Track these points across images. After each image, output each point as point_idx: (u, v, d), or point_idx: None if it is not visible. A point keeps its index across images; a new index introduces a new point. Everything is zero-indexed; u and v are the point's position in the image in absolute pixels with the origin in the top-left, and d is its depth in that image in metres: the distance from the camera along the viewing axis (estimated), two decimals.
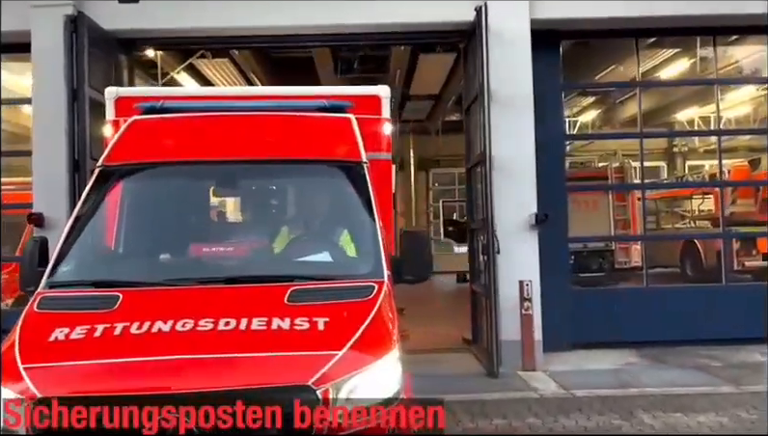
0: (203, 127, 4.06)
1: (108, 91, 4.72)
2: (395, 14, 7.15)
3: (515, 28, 6.87)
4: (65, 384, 2.64)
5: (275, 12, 7.05)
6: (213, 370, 2.66)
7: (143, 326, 2.81)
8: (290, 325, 2.86)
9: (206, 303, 3.08)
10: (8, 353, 2.78)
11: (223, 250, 3.78)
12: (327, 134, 4.09)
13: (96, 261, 3.62)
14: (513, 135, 6.77)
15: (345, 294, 3.17)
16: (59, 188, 6.46)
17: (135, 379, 2.64)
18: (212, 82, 15.85)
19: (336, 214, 4.08)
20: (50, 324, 2.90)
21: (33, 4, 6.78)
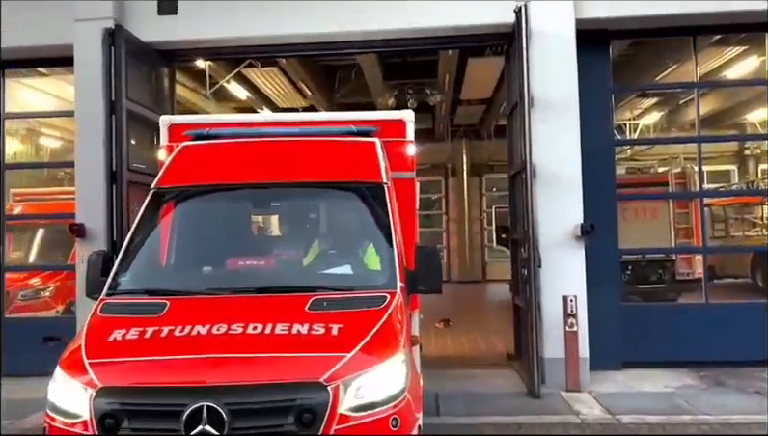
0: (243, 152, 4.52)
1: (162, 118, 5.26)
2: (438, 19, 6.95)
3: (559, 28, 6.52)
4: (121, 376, 3.15)
5: (316, 19, 6.96)
6: (240, 367, 3.12)
7: (185, 329, 3.30)
8: (308, 330, 3.26)
9: (239, 310, 3.51)
10: (75, 350, 3.31)
11: (255, 263, 4.17)
12: (353, 158, 4.46)
13: (148, 273, 4.10)
14: (557, 141, 6.43)
15: (360, 303, 3.54)
16: (98, 199, 6.54)
17: (177, 373, 3.13)
18: (262, 90, 16.02)
19: (358, 231, 4.44)
20: (110, 326, 3.41)
21: (76, 18, 6.91)
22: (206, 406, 2.90)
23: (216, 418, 2.89)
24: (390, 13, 6.95)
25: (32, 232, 10.32)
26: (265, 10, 6.99)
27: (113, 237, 6.40)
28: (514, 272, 7.37)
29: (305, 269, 4.20)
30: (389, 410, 3.07)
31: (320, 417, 2.94)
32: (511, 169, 7.33)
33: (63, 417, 3.12)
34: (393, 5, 6.93)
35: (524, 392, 6.23)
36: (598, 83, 7.01)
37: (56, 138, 16.64)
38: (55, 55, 7.50)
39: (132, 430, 2.96)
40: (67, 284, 9.29)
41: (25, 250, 10.20)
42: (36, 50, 7.41)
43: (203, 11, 7.02)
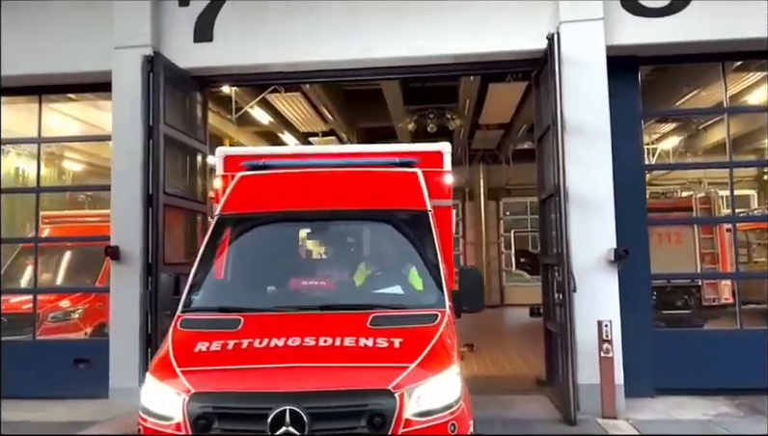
0: (297, 182, 4.91)
1: (218, 150, 5.79)
2: (465, 45, 7.06)
3: (590, 55, 6.59)
4: (212, 383, 3.49)
5: (345, 46, 7.08)
6: (318, 375, 3.45)
7: (263, 342, 3.66)
8: (373, 343, 3.62)
9: (307, 325, 3.85)
10: (164, 360, 3.69)
11: (316, 283, 4.55)
12: (398, 187, 4.83)
13: (218, 292, 4.49)
14: (589, 165, 6.46)
15: (415, 320, 3.92)
16: (133, 222, 6.63)
17: (262, 380, 3.46)
18: (284, 115, 16.21)
19: (405, 254, 4.79)
20: (194, 339, 3.78)
21: (115, 45, 7.07)
22: (289, 410, 3.23)
23: (298, 420, 3.22)
24: (419, 39, 7.06)
25: (59, 255, 10.43)
26: (296, 37, 7.12)
27: (148, 260, 6.47)
28: (545, 296, 7.34)
29: (361, 289, 4.54)
30: (447, 416, 3.38)
31: (389, 421, 3.27)
32: (542, 193, 7.35)
33: (156, 419, 3.44)
34: (423, 32, 7.06)
35: (558, 418, 6.17)
36: (627, 108, 7.04)
37: (78, 162, 16.87)
38: (87, 81, 7.67)
39: (222, 431, 3.31)
40: (95, 306, 9.37)
41: (53, 272, 10.31)
42: (66, 76, 7.58)
43: (237, 38, 7.17)
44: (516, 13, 6.95)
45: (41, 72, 7.47)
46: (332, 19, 7.13)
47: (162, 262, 6.43)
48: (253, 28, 7.15)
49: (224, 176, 5.53)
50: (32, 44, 7.40)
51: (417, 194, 4.71)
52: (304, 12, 7.14)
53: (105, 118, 12.02)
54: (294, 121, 16.48)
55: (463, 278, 4.45)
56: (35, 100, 8.06)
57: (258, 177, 5.04)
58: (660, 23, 6.76)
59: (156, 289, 6.35)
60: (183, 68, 7.13)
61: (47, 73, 7.48)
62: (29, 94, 8.07)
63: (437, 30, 7.04)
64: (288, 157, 5.83)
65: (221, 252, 4.67)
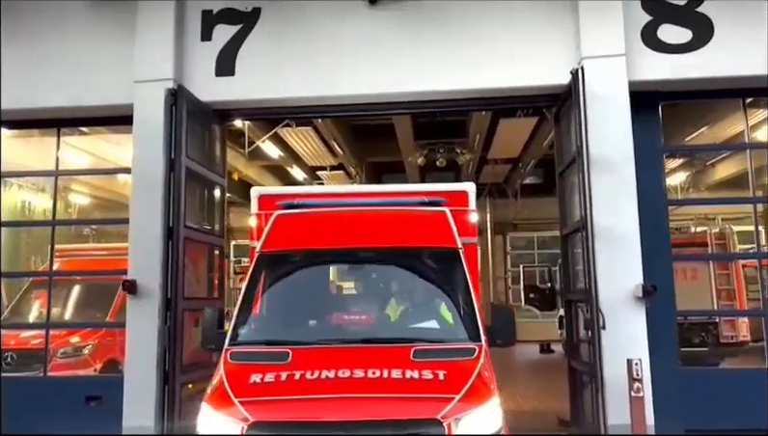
0: (332, 220, 5.17)
1: (253, 190, 6.13)
2: (481, 80, 7.05)
3: (613, 90, 6.59)
4: (269, 412, 3.71)
5: (364, 81, 7.10)
6: (370, 405, 3.66)
7: (314, 373, 3.87)
8: (419, 375, 3.84)
9: (353, 357, 4.07)
10: (220, 390, 3.90)
11: (358, 318, 4.76)
12: (429, 225, 5.07)
13: (263, 325, 4.73)
14: (614, 200, 6.39)
15: (455, 354, 4.16)
16: (152, 256, 6.53)
17: (318, 410, 3.69)
18: (294, 149, 16.25)
19: (439, 290, 5.04)
20: (247, 371, 4.01)
21: (136, 79, 7.08)
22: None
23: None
24: (439, 75, 7.07)
25: (68, 289, 10.29)
26: (318, 72, 7.13)
27: (167, 294, 6.36)
28: (569, 333, 7.21)
29: (399, 323, 4.79)
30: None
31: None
32: (564, 228, 7.27)
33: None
34: (442, 67, 7.07)
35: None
36: (649, 143, 7.01)
37: (84, 195, 16.84)
38: (107, 114, 7.63)
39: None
40: (105, 341, 9.21)
41: (62, 306, 10.15)
42: (86, 110, 7.52)
43: (259, 72, 7.18)
44: (536, 48, 6.98)
45: (60, 106, 7.44)
46: (352, 54, 7.15)
47: (182, 297, 6.32)
48: (275, 62, 7.17)
49: (258, 214, 5.82)
50: (51, 78, 7.41)
51: (447, 232, 4.92)
52: (326, 47, 7.16)
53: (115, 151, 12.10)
54: (304, 155, 16.51)
55: (496, 313, 4.68)
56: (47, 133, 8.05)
57: (294, 216, 5.27)
58: (681, 59, 6.77)
59: (175, 324, 6.23)
60: (204, 101, 7.12)
61: (66, 106, 7.45)
62: (47, 126, 8.05)
63: (456, 66, 7.05)
64: (320, 196, 6.16)
65: (263, 287, 4.91)
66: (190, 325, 6.59)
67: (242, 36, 7.26)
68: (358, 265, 5.33)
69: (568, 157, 6.91)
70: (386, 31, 7.18)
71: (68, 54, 7.45)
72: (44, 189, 15.10)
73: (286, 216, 5.26)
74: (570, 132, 7.00)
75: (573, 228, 6.80)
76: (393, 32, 7.17)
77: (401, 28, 7.17)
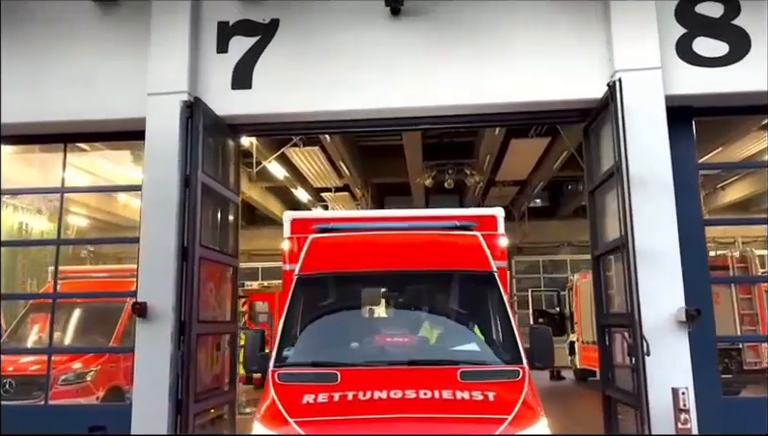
0: (367, 244, 5.27)
1: (286, 214, 6.36)
2: (511, 94, 6.77)
3: (649, 104, 6.32)
4: (326, 432, 3.76)
5: (388, 95, 6.81)
6: (427, 426, 3.72)
7: (366, 394, 3.93)
8: (470, 396, 3.91)
9: (401, 379, 4.11)
10: (273, 410, 3.97)
11: (401, 340, 4.82)
12: (463, 249, 5.15)
13: (306, 347, 4.78)
14: (655, 219, 6.08)
15: (500, 376, 4.26)
16: (165, 276, 6.16)
17: (372, 430, 3.65)
18: (300, 169, 15.99)
19: (477, 312, 5.06)
20: (298, 392, 4.07)
21: (149, 91, 6.78)
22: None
23: None
24: (466, 89, 6.79)
25: (69, 313, 9.87)
26: (339, 85, 6.84)
27: (181, 317, 5.97)
28: (603, 360, 6.83)
29: (442, 345, 4.87)
30: None
31: None
32: (596, 250, 6.93)
33: None
34: (471, 81, 6.79)
35: None
36: (685, 160, 6.71)
37: (82, 216, 16.47)
38: (116, 129, 7.31)
39: None
40: (108, 367, 8.79)
41: (62, 331, 9.72)
42: (95, 124, 7.19)
43: (276, 85, 6.88)
44: (567, 61, 6.71)
45: (67, 120, 7.11)
46: (373, 67, 6.85)
47: (196, 320, 5.94)
48: (294, 75, 6.88)
49: (291, 238, 6.08)
50: (59, 90, 7.08)
51: (481, 255, 5.01)
52: (346, 59, 6.89)
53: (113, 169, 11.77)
54: (309, 175, 16.25)
55: (534, 336, 4.71)
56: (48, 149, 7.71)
57: (330, 240, 5.37)
58: (717, 73, 6.52)
59: (189, 350, 5.84)
60: (220, 115, 6.81)
61: (73, 121, 7.12)
62: (53, 142, 7.72)
63: (484, 79, 6.78)
64: (353, 221, 6.22)
65: (303, 310, 5.01)
66: (204, 350, 6.21)
67: (260, 48, 6.97)
68: (396, 288, 5.38)
69: (600, 174, 6.62)
70: (409, 43, 6.91)
71: (78, 66, 7.13)
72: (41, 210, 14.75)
73: (322, 240, 5.35)
74: (602, 148, 6.75)
75: (607, 248, 6.47)
76: (415, 44, 6.90)
77: (424, 40, 6.91)
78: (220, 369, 6.82)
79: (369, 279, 5.21)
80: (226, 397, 6.78)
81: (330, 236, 5.44)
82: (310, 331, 4.99)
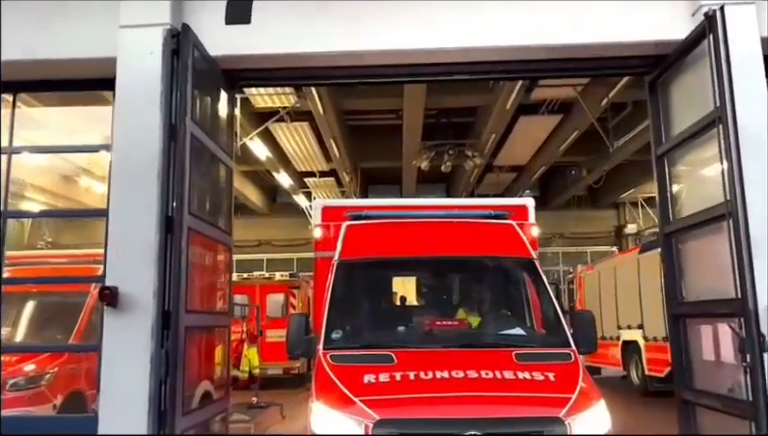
0: (404, 230, 5.20)
1: (315, 202, 6.35)
2: (563, 35, 5.57)
3: (744, 44, 5.15)
4: (395, 410, 3.74)
5: (418, 32, 5.56)
6: (494, 404, 3.81)
7: (428, 374, 3.95)
8: (530, 376, 3.98)
9: (458, 360, 4.11)
10: (333, 389, 3.97)
11: (450, 323, 4.85)
12: (501, 236, 5.15)
13: (355, 330, 4.77)
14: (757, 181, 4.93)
15: (555, 358, 4.31)
16: (141, 255, 4.77)
17: (443, 408, 3.74)
18: (284, 149, 14.59)
19: (521, 298, 5.14)
20: (357, 372, 4.07)
21: (121, 24, 5.37)
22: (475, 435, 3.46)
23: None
24: (510, 29, 5.58)
25: (19, 305, 8.32)
26: (360, 19, 5.54)
27: (165, 306, 4.61)
28: (678, 357, 5.69)
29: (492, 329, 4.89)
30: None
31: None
32: (667, 225, 5.78)
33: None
34: (518, 19, 5.58)
35: None
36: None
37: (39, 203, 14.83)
38: (81, 76, 5.87)
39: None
40: (67, 369, 7.31)
41: (11, 327, 8.18)
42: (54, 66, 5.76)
43: (281, 19, 5.55)
44: None
45: (16, 59, 5.65)
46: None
47: (185, 310, 4.59)
48: (305, 7, 5.55)
49: (323, 225, 5.94)
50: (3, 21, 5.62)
51: (520, 243, 5.01)
52: None
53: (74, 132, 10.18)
54: (294, 156, 14.88)
55: (578, 321, 4.70)
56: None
57: (368, 226, 5.30)
58: None
59: (176, 347, 4.49)
60: (212, 55, 5.45)
61: (22, 61, 5.67)
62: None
63: (534, 17, 5.57)
64: (385, 209, 6.06)
65: (347, 293, 4.90)
66: (195, 348, 4.89)
67: None
68: (438, 274, 5.48)
69: (676, 135, 5.49)
70: None
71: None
72: None
73: (358, 226, 5.29)
74: (675, 104, 5.63)
75: (691, 222, 5.33)
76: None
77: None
78: (213, 372, 5.49)
79: (410, 264, 5.28)
80: (219, 407, 5.44)
81: (367, 223, 5.38)
82: (356, 314, 4.97)
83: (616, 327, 13.10)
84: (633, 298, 12.13)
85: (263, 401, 9.65)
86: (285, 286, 14.43)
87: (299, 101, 11.14)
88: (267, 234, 21.97)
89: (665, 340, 10.94)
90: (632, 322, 12.31)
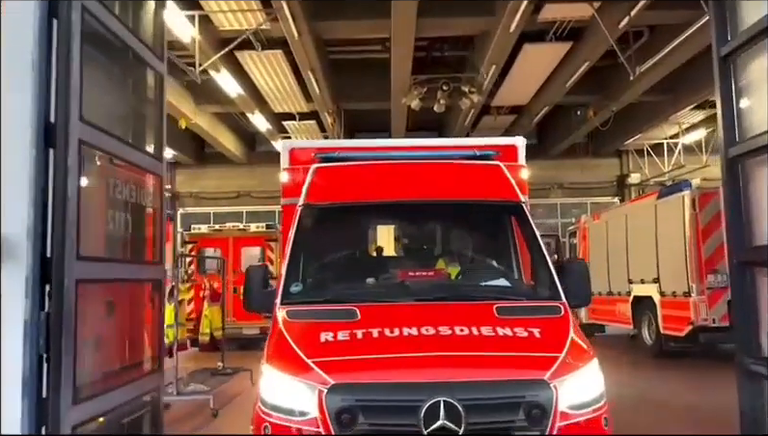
0: (379, 173, 4.80)
1: (282, 143, 5.83)
2: None
3: None
4: (352, 374, 3.33)
5: None
6: (469, 365, 3.35)
7: (393, 331, 3.50)
8: (512, 333, 3.50)
9: (431, 315, 3.70)
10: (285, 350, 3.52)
11: (425, 274, 4.48)
12: (486, 178, 4.75)
13: (318, 282, 4.45)
14: None
15: (541, 311, 3.90)
16: (15, 178, 3.37)
17: (410, 370, 3.31)
18: (257, 85, 13.05)
19: (506, 246, 4.85)
20: (313, 329, 3.64)
21: None
22: (444, 402, 2.99)
23: (453, 413, 2.98)
24: None
25: None
26: None
27: (46, 250, 3.24)
28: (743, 315, 4.45)
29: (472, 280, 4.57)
30: (599, 409, 3.27)
31: (548, 413, 3.09)
32: (731, 147, 4.45)
33: (286, 414, 3.17)
34: None
35: None
36: None
37: None
38: None
39: (369, 426, 3.04)
40: None
41: None
42: None
43: None
44: None
45: None
46: None
47: (74, 256, 3.24)
48: None
49: (290, 169, 5.39)
50: None
51: (507, 185, 4.56)
52: None
53: None
54: (269, 94, 13.35)
55: (569, 271, 4.24)
56: None
57: (338, 169, 4.87)
58: None
59: (61, 310, 3.16)
60: None
61: None
62: None
63: None
64: (360, 150, 5.71)
65: (311, 243, 4.51)
66: (99, 310, 3.62)
67: None
68: (414, 220, 5.09)
69: (750, 26, 4.11)
70: None
71: None
72: None
73: (328, 168, 4.86)
74: None
75: (757, 144, 4.01)
76: None
77: None
78: (141, 341, 4.21)
79: (383, 210, 4.84)
80: (144, 386, 4.14)
81: (337, 165, 4.90)
82: (320, 265, 4.63)
83: (626, 281, 11.95)
84: (648, 249, 10.95)
85: (231, 367, 8.43)
86: (261, 239, 13.14)
87: (269, 21, 9.59)
88: (247, 185, 20.56)
89: (685, 296, 9.84)
90: (646, 276, 11.15)
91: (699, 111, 16.24)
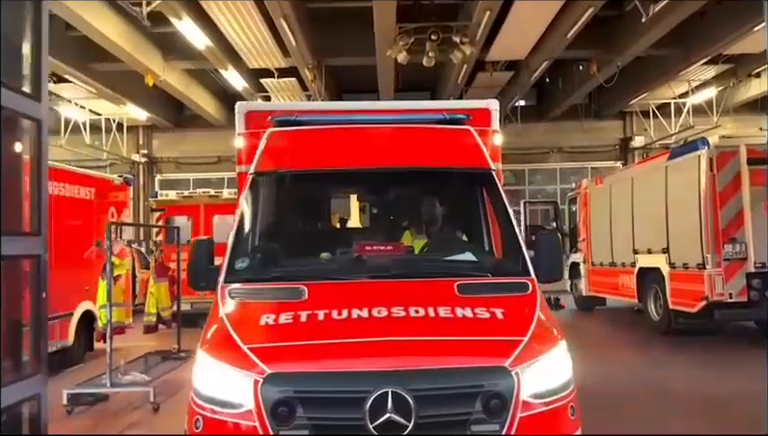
0: (339, 138, 4.43)
1: (238, 105, 5.23)
2: None
3: None
4: (290, 362, 3.00)
5: None
6: (421, 351, 3.04)
7: (341, 313, 3.20)
8: (473, 314, 3.21)
9: (386, 294, 3.39)
10: (222, 335, 3.22)
11: (383, 248, 4.08)
12: (453, 144, 4.42)
13: (266, 258, 4.00)
14: None
15: (507, 289, 3.58)
16: None
17: (354, 358, 3.02)
18: (228, 37, 11.86)
19: (473, 217, 4.56)
20: (254, 311, 3.37)
21: None
22: (392, 392, 2.77)
23: (402, 405, 2.76)
24: None
25: None
26: None
27: None
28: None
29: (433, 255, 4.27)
30: (565, 398, 3.02)
31: (508, 403, 2.86)
32: None
33: (219, 406, 2.95)
34: None
35: None
36: None
37: None
38: None
39: (308, 419, 2.81)
40: None
41: None
42: None
43: None
44: None
45: None
46: None
47: None
48: None
49: (246, 134, 4.91)
50: None
51: (477, 152, 4.26)
52: None
53: None
54: (242, 47, 12.17)
55: (541, 244, 3.91)
56: None
57: (294, 133, 4.44)
58: None
59: None
60: None
61: None
62: None
63: None
64: (321, 113, 5.36)
65: (261, 214, 4.26)
66: None
67: None
68: (375, 189, 4.83)
69: None
70: None
71: None
72: None
73: (282, 133, 4.39)
74: None
75: None
76: None
77: None
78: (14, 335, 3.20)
79: (341, 178, 4.52)
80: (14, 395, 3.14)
81: (294, 130, 4.42)
82: (269, 239, 4.19)
83: (631, 252, 10.95)
84: (657, 216, 9.92)
85: (186, 350, 7.48)
86: (235, 206, 12.08)
87: None
88: (228, 150, 19.31)
89: (699, 268, 8.86)
90: (653, 246, 10.14)
91: (711, 66, 15.04)
